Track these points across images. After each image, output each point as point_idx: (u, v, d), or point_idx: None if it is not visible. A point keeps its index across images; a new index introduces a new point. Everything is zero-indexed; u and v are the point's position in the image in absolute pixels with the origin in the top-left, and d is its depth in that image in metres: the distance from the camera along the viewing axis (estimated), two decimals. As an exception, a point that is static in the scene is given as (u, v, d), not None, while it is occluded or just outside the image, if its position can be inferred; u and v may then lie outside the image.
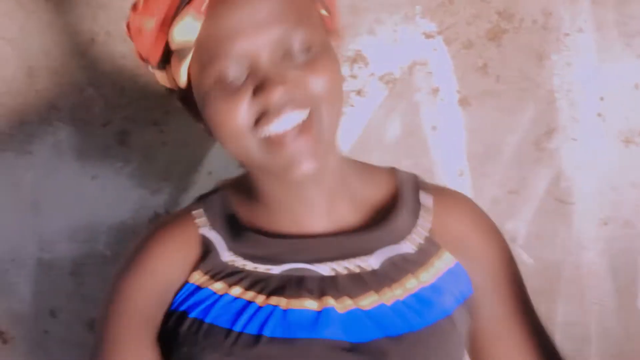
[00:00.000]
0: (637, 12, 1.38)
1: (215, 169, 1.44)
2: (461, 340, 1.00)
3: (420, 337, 0.93)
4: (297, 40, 0.86)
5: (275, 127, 0.87)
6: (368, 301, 0.94)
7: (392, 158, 1.40)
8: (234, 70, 0.87)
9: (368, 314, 0.94)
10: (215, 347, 0.93)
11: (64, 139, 1.43)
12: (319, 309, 0.94)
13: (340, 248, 0.97)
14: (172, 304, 1.00)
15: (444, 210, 1.03)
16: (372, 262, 0.97)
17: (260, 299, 0.95)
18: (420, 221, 1.01)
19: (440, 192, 1.06)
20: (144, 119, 1.43)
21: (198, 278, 0.99)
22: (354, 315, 0.93)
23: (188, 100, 0.97)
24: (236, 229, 1.00)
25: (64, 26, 1.39)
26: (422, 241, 1.00)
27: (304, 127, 0.88)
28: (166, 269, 1.00)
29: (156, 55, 0.94)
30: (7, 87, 1.41)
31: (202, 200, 1.07)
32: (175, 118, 1.43)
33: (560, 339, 1.49)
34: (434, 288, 0.98)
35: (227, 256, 0.99)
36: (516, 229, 1.45)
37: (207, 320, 0.95)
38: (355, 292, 0.95)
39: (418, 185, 1.05)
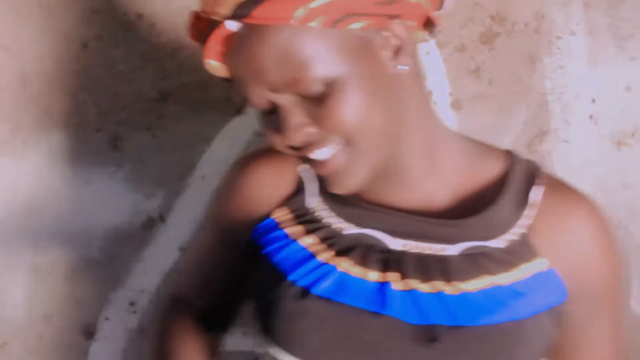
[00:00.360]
0: (629, 15, 1.39)
1: (208, 172, 1.44)
2: (535, 348, 0.92)
3: (478, 333, 0.88)
4: (307, 81, 0.82)
5: (312, 155, 0.88)
6: (431, 287, 0.91)
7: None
8: (263, 103, 0.86)
9: (427, 297, 0.90)
10: (271, 289, 0.94)
11: (57, 144, 1.43)
12: (378, 281, 0.91)
13: (422, 228, 0.93)
14: (253, 231, 1.02)
15: (555, 207, 0.94)
16: (450, 250, 0.93)
17: (325, 255, 0.94)
18: (522, 220, 0.94)
19: (556, 186, 0.97)
20: (137, 123, 1.43)
21: (280, 215, 1.00)
22: (412, 296, 0.90)
23: None
24: None
25: (58, 32, 1.39)
26: (515, 238, 0.93)
27: (337, 156, 0.87)
28: (259, 195, 1.01)
29: None
30: (0, 93, 1.41)
31: None
32: (168, 123, 1.43)
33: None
34: (512, 291, 0.91)
35: (312, 202, 0.99)
36: (509, 231, 1.46)
37: (274, 260, 0.97)
38: (423, 275, 0.91)
39: (533, 176, 0.97)
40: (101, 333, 1.50)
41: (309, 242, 0.96)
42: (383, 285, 0.91)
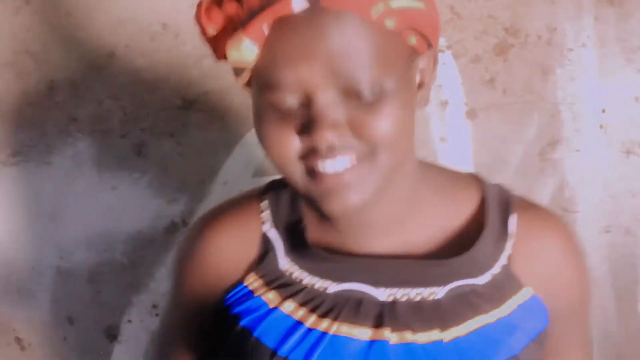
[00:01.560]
0: (637, 28, 1.43)
1: (230, 179, 1.48)
2: None
3: None
4: (365, 80, 0.75)
5: (323, 167, 0.79)
6: (427, 337, 0.85)
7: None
8: (290, 98, 0.77)
9: (424, 348, 0.85)
10: None
11: (83, 150, 1.46)
12: (371, 339, 0.85)
13: (407, 274, 0.87)
14: (224, 300, 0.94)
15: (530, 234, 0.91)
16: (439, 292, 0.87)
17: (311, 320, 0.87)
18: (504, 252, 0.90)
19: (527, 211, 0.92)
20: (161, 130, 1.46)
21: (252, 281, 0.92)
22: (409, 350, 0.85)
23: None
24: (298, 237, 0.90)
25: (85, 40, 1.42)
26: (498, 271, 0.89)
27: (354, 168, 0.79)
28: (224, 263, 0.94)
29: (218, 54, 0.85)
30: (28, 99, 1.44)
31: (271, 189, 0.96)
32: (191, 130, 1.46)
33: (563, 343, 1.54)
34: (504, 325, 0.88)
35: (284, 263, 0.91)
36: (521, 236, 1.49)
37: (255, 333, 0.89)
38: (416, 325, 0.86)
39: (508, 204, 0.92)
40: (124, 335, 1.53)
41: (290, 308, 0.88)
42: (378, 344, 0.85)
